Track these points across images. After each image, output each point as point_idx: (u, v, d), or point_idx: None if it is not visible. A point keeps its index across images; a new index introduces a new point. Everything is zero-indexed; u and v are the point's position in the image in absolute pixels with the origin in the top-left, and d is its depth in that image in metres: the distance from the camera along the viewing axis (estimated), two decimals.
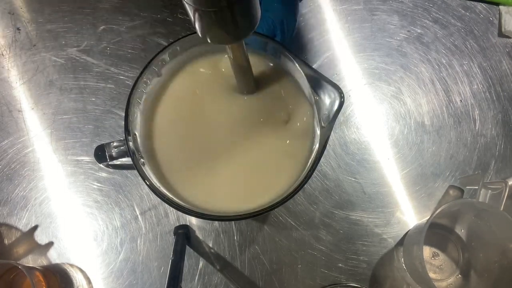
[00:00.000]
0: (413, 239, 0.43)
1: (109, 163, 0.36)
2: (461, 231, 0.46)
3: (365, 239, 0.46)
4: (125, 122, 0.31)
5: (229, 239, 0.46)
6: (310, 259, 0.46)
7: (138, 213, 0.46)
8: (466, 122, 0.49)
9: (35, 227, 0.46)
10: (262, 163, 0.34)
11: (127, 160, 0.33)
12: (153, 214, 0.46)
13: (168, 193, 0.32)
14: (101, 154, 0.34)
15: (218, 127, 0.35)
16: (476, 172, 0.48)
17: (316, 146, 0.32)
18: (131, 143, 0.31)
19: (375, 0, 0.52)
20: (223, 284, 0.45)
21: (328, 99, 0.30)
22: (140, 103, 0.34)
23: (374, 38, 0.51)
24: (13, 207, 0.46)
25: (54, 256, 0.46)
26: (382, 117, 0.50)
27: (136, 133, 0.33)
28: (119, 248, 0.46)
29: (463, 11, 0.52)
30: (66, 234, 0.46)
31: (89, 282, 0.45)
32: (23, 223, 0.46)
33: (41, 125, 0.48)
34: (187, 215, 0.39)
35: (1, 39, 0.50)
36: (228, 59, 0.31)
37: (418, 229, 0.43)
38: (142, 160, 0.32)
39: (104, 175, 0.47)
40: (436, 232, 0.46)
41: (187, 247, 0.45)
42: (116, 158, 0.34)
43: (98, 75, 0.49)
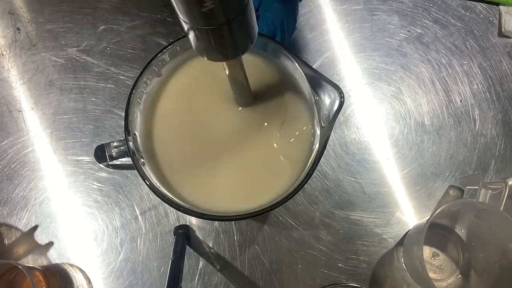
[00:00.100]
0: (413, 239, 0.43)
1: (109, 163, 0.36)
2: (461, 231, 0.46)
3: (365, 239, 0.46)
4: (125, 122, 0.31)
5: (229, 239, 0.46)
6: (310, 259, 0.46)
7: (138, 213, 0.46)
8: (466, 122, 0.49)
9: (35, 227, 0.46)
10: (262, 163, 0.34)
11: (127, 160, 0.33)
12: (153, 214, 0.46)
13: (168, 193, 0.32)
14: (101, 154, 0.34)
15: (218, 127, 0.35)
16: (476, 172, 0.48)
17: (316, 146, 0.32)
18: (131, 143, 0.31)
19: (375, 0, 0.52)
20: (223, 284, 0.45)
21: (328, 99, 0.30)
22: (140, 103, 0.34)
23: (374, 38, 0.51)
24: (13, 207, 0.46)
25: (54, 256, 0.46)
26: (382, 117, 0.50)
27: (136, 133, 0.33)
28: (119, 248, 0.46)
29: (463, 11, 0.52)
30: (66, 234, 0.46)
31: (89, 282, 0.45)
32: (23, 223, 0.46)
33: (41, 125, 0.48)
34: (187, 215, 0.39)
35: (1, 39, 0.50)
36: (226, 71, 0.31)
37: (418, 229, 0.43)
38: (142, 160, 0.32)
39: (104, 175, 0.47)
40: (436, 232, 0.46)
41: (187, 247, 0.45)
42: (116, 158, 0.34)
43: (98, 75, 0.49)
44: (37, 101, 0.49)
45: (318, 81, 0.31)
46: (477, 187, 0.43)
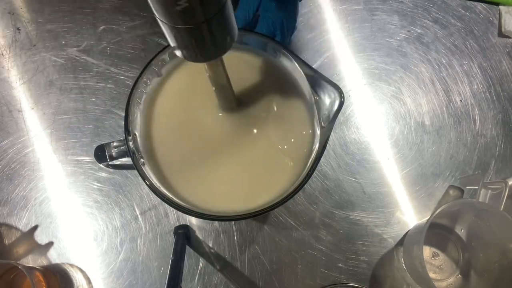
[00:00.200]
0: (413, 239, 0.43)
1: (109, 163, 0.35)
2: (461, 231, 0.46)
3: (365, 239, 0.46)
4: (125, 122, 0.31)
5: (229, 239, 0.46)
6: (310, 259, 0.46)
7: (138, 213, 0.46)
8: (466, 122, 0.49)
9: (35, 227, 0.46)
10: (262, 163, 0.34)
11: (127, 160, 0.33)
12: (153, 214, 0.46)
13: (168, 193, 0.32)
14: (101, 154, 0.34)
15: (218, 127, 0.35)
16: (476, 172, 0.48)
17: (316, 146, 0.32)
18: (131, 143, 0.31)
19: (375, 0, 0.52)
20: (223, 284, 0.45)
21: (328, 99, 0.30)
22: (140, 103, 0.34)
23: (374, 38, 0.51)
24: (13, 207, 0.46)
25: (54, 256, 0.46)
26: (382, 117, 0.50)
27: (136, 133, 0.33)
28: (119, 248, 0.46)
29: (463, 11, 0.52)
30: (66, 234, 0.46)
31: (89, 282, 0.45)
32: (23, 223, 0.46)
33: (41, 125, 0.48)
34: (187, 215, 0.39)
35: (1, 39, 0.50)
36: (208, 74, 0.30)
37: (418, 229, 0.43)
38: (142, 160, 0.32)
39: (104, 175, 0.47)
40: (436, 232, 0.46)
41: (187, 247, 0.45)
42: (116, 158, 0.34)
43: (98, 75, 0.49)
44: (37, 101, 0.49)
45: (318, 81, 0.30)
46: (477, 187, 0.43)
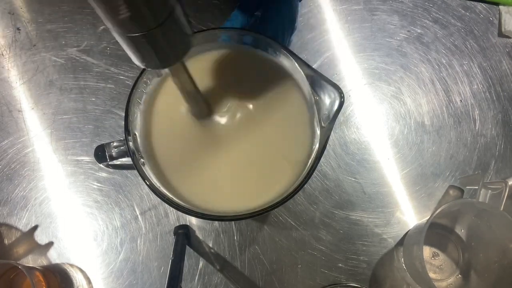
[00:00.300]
0: (413, 239, 0.43)
1: (109, 163, 0.35)
2: (461, 231, 0.46)
3: (365, 239, 0.46)
4: (125, 122, 0.31)
5: (229, 239, 0.46)
6: (310, 259, 0.46)
7: (138, 213, 0.46)
8: (466, 122, 0.49)
9: (35, 227, 0.46)
10: (262, 163, 0.34)
11: (127, 160, 0.33)
12: (153, 214, 0.46)
13: (168, 193, 0.32)
14: (101, 154, 0.34)
15: (218, 127, 0.35)
16: (476, 172, 0.48)
17: (316, 146, 0.32)
18: (131, 143, 0.31)
19: (375, 0, 0.52)
20: (223, 284, 0.45)
21: (328, 99, 0.30)
22: (140, 103, 0.34)
23: (374, 38, 0.51)
24: (13, 207, 0.46)
25: (54, 256, 0.46)
26: (382, 117, 0.50)
27: (136, 133, 0.33)
28: (119, 248, 0.46)
29: (463, 11, 0.52)
30: (66, 234, 0.46)
31: (89, 282, 0.45)
32: (23, 223, 0.46)
33: (41, 125, 0.48)
34: (187, 215, 0.39)
35: (1, 39, 0.50)
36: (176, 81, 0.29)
37: (418, 229, 0.43)
38: (142, 160, 0.32)
39: (104, 175, 0.47)
40: (436, 232, 0.46)
41: (187, 247, 0.45)
42: (116, 158, 0.34)
43: (98, 75, 0.49)
44: (37, 101, 0.49)
45: (318, 81, 0.30)
46: (477, 187, 0.43)
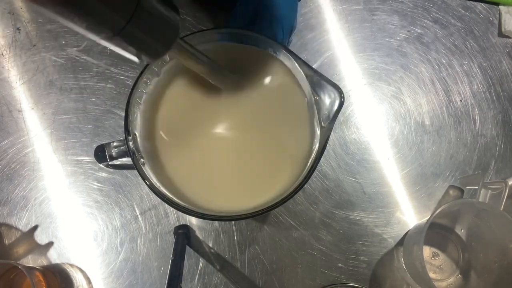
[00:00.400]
0: (413, 239, 0.43)
1: (109, 163, 0.35)
2: (461, 231, 0.46)
3: (365, 239, 0.46)
4: (125, 122, 0.31)
5: (229, 239, 0.46)
6: (310, 259, 0.46)
7: (138, 213, 0.46)
8: (466, 122, 0.49)
9: (35, 227, 0.46)
10: (262, 163, 0.34)
11: (127, 160, 0.33)
12: (153, 214, 0.46)
13: (168, 193, 0.32)
14: (101, 154, 0.34)
15: (217, 127, 0.35)
16: (476, 172, 0.48)
17: (316, 146, 0.32)
18: (131, 143, 0.31)
19: (375, 0, 0.52)
20: (223, 284, 0.45)
21: (328, 99, 0.30)
22: (140, 103, 0.34)
23: (374, 38, 0.51)
24: (13, 207, 0.46)
25: (54, 256, 0.46)
26: (382, 117, 0.50)
27: (136, 133, 0.33)
28: (119, 248, 0.46)
29: (463, 11, 0.52)
30: (66, 234, 0.46)
31: (89, 282, 0.45)
32: (23, 223, 0.46)
33: (41, 125, 0.48)
34: (187, 215, 0.39)
35: (1, 39, 0.50)
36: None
37: (418, 229, 0.43)
38: (142, 160, 0.32)
39: (104, 175, 0.47)
40: (436, 232, 0.46)
41: (187, 247, 0.45)
42: (116, 158, 0.34)
43: (98, 75, 0.49)
44: (37, 101, 0.49)
45: (318, 81, 0.31)
46: (477, 187, 0.43)
